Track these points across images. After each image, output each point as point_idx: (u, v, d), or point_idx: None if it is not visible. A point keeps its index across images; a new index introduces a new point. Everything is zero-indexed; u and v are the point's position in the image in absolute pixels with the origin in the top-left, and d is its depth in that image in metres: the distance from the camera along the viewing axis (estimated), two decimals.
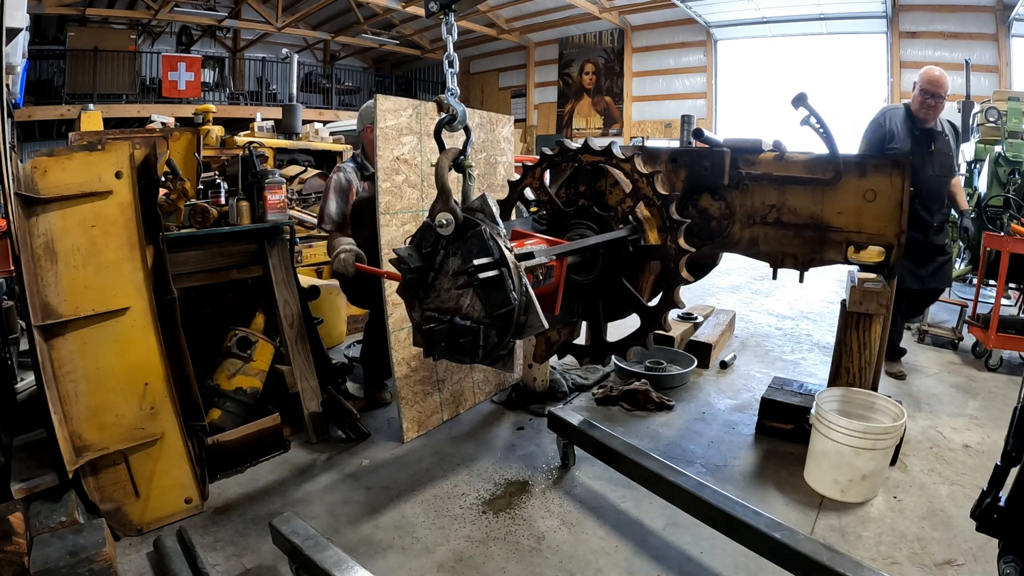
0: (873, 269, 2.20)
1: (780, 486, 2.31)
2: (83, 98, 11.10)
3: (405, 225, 2.54)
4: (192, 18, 12.63)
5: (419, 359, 2.66)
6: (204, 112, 6.78)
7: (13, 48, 4.17)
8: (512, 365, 1.56)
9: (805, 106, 2.05)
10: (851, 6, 10.43)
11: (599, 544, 1.97)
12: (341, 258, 2.52)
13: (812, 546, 1.60)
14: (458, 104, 1.44)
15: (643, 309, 1.81)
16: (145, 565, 1.84)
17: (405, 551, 1.93)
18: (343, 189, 2.82)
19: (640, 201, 1.77)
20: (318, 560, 1.58)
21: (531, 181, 2.01)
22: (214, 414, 2.44)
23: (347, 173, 2.84)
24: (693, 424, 2.86)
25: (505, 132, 3.13)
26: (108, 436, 1.92)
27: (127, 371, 1.96)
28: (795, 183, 2.22)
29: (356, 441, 2.63)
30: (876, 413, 2.30)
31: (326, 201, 2.82)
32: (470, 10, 1.98)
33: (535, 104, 15.62)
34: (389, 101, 2.46)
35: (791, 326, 4.58)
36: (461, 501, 2.21)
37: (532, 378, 3.08)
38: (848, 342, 2.36)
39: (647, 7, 12.36)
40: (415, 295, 1.44)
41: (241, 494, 2.24)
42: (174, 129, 4.94)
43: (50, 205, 1.86)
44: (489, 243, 1.32)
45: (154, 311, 2.02)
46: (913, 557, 1.89)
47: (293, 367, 2.68)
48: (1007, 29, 9.17)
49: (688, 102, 12.76)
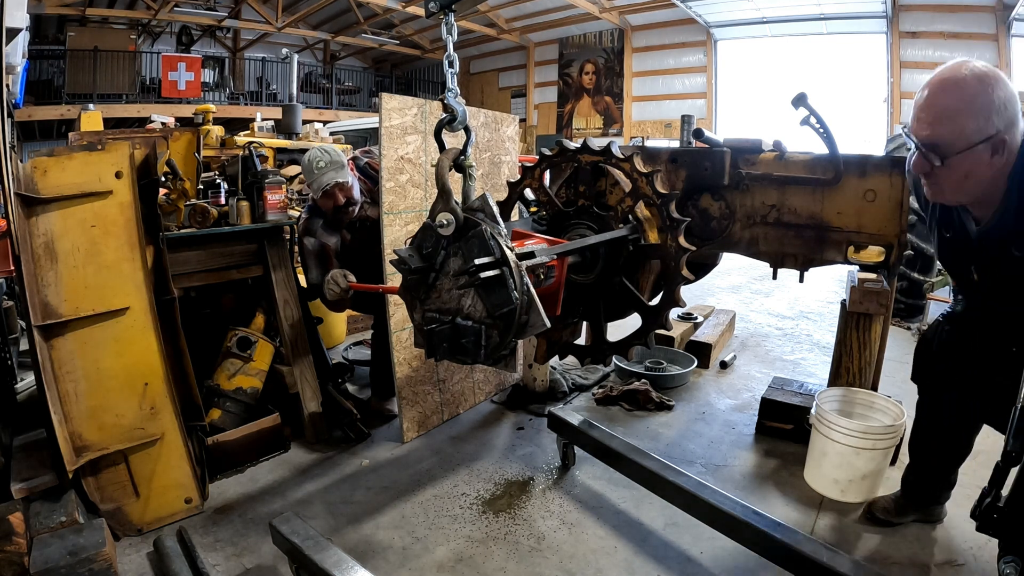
0: (873, 269, 2.20)
1: (780, 486, 2.31)
2: (83, 98, 11.10)
3: (408, 225, 2.53)
4: (192, 18, 12.63)
5: (420, 359, 2.66)
6: (204, 112, 6.79)
7: (13, 48, 4.17)
8: (514, 365, 1.56)
9: (805, 106, 2.05)
10: (851, 6, 10.43)
11: (599, 544, 1.97)
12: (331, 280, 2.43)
13: (812, 546, 1.60)
14: (459, 104, 1.44)
15: (644, 308, 1.81)
16: (145, 565, 1.84)
17: (405, 551, 1.93)
18: (319, 255, 2.65)
19: (640, 200, 1.76)
20: (318, 560, 1.58)
21: (531, 182, 2.00)
22: (214, 414, 2.44)
23: (316, 236, 2.65)
24: (693, 424, 2.86)
25: (509, 132, 3.13)
26: (108, 436, 1.92)
27: (127, 371, 1.96)
28: (795, 183, 2.22)
29: (356, 441, 2.63)
30: (876, 413, 2.30)
31: (307, 270, 2.66)
32: (470, 10, 1.98)
33: (535, 104, 15.62)
34: (394, 100, 2.45)
35: (791, 326, 4.58)
36: (461, 501, 2.21)
37: (532, 378, 3.08)
38: (848, 342, 2.36)
39: (647, 7, 12.37)
40: (416, 296, 1.44)
41: (241, 494, 2.24)
42: (174, 129, 4.94)
43: (50, 205, 1.86)
44: (490, 243, 1.32)
45: (154, 311, 2.02)
46: (913, 557, 1.89)
47: (293, 367, 2.68)
48: (1007, 29, 9.17)
49: (688, 102, 12.77)
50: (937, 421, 1.92)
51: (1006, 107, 1.35)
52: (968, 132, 1.35)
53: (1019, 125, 1.38)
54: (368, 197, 2.70)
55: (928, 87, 1.41)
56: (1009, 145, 1.36)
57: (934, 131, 1.38)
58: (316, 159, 2.49)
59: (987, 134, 1.34)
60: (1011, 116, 1.36)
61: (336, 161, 2.51)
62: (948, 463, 1.96)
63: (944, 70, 1.40)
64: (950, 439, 1.91)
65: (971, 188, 1.44)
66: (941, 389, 1.87)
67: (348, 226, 2.70)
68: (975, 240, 1.54)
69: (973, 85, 1.34)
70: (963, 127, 1.35)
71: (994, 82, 1.34)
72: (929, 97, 1.40)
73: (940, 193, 1.48)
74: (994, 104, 1.34)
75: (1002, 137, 1.35)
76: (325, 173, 2.48)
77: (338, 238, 2.70)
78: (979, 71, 1.35)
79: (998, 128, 1.34)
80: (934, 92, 1.39)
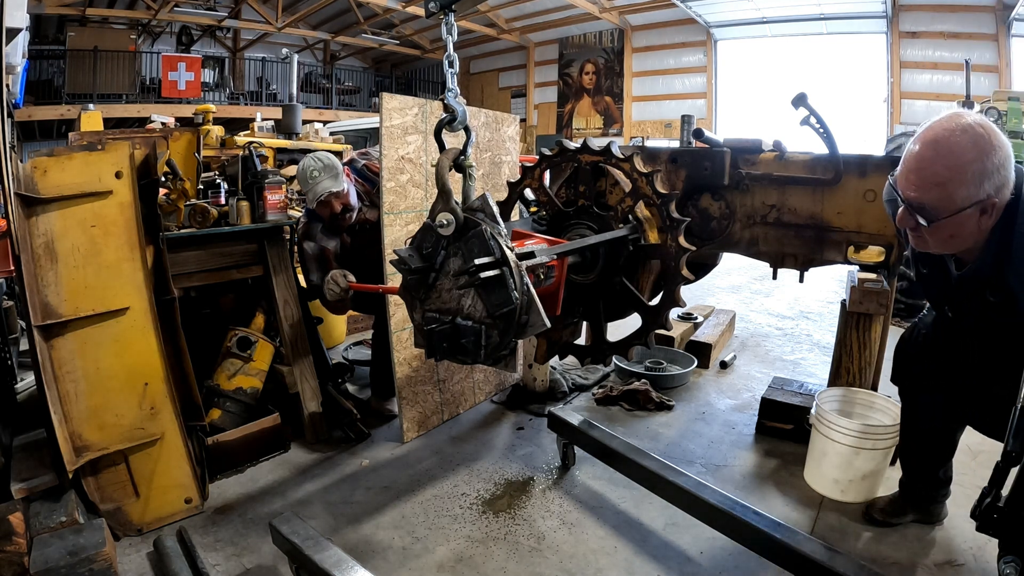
0: (873, 269, 2.20)
1: (780, 486, 2.31)
2: (83, 98, 11.11)
3: (409, 225, 2.53)
4: (192, 18, 12.64)
5: (420, 359, 2.66)
6: (204, 112, 6.79)
7: (13, 48, 4.17)
8: (514, 365, 1.56)
9: (805, 106, 2.05)
10: (851, 6, 10.44)
11: (599, 544, 1.97)
12: (331, 280, 2.44)
13: (812, 546, 1.60)
14: (459, 104, 1.44)
15: (644, 308, 1.81)
16: (145, 565, 1.84)
17: (405, 551, 1.93)
18: (319, 259, 2.64)
19: (640, 200, 1.76)
20: (318, 560, 1.58)
21: (531, 182, 2.01)
22: (214, 414, 2.44)
23: (315, 240, 2.64)
24: (693, 424, 2.86)
25: (510, 132, 3.13)
26: (108, 436, 1.92)
27: (127, 371, 1.96)
28: (795, 183, 2.22)
29: (356, 441, 2.63)
30: (876, 413, 2.30)
31: (307, 272, 2.65)
32: (470, 10, 1.98)
33: (535, 104, 15.63)
34: (395, 100, 2.45)
35: (791, 326, 4.58)
36: (461, 501, 2.21)
37: (532, 378, 3.08)
38: (848, 342, 2.36)
39: (647, 7, 12.37)
40: (416, 296, 1.44)
41: (241, 494, 2.24)
42: (174, 129, 4.94)
43: (50, 205, 1.86)
44: (490, 243, 1.32)
45: (154, 311, 2.02)
46: (913, 557, 1.89)
47: (293, 367, 2.68)
48: (1007, 29, 9.18)
49: (688, 102, 12.78)
50: (915, 423, 1.94)
51: (999, 171, 1.30)
52: (957, 199, 1.31)
53: (1010, 185, 1.33)
54: (367, 200, 2.70)
55: (920, 143, 1.34)
56: (998, 205, 1.33)
57: (922, 196, 1.34)
58: (310, 168, 2.47)
59: (977, 199, 1.31)
60: (1003, 178, 1.31)
61: (330, 167, 2.47)
62: (930, 464, 1.97)
63: (938, 127, 1.32)
64: (929, 440, 1.93)
65: (957, 245, 1.41)
66: (918, 391, 1.89)
67: (348, 229, 2.70)
68: (954, 281, 1.52)
69: (967, 152, 1.28)
70: (953, 195, 1.31)
71: (990, 148, 1.28)
72: (920, 158, 1.34)
73: (925, 247, 1.45)
74: (987, 171, 1.28)
75: (992, 200, 1.32)
76: (320, 183, 2.45)
77: (337, 242, 2.70)
78: (975, 133, 1.29)
79: (989, 193, 1.30)
80: (926, 154, 1.33)
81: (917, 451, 1.97)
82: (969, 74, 6.40)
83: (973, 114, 1.34)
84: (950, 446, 1.93)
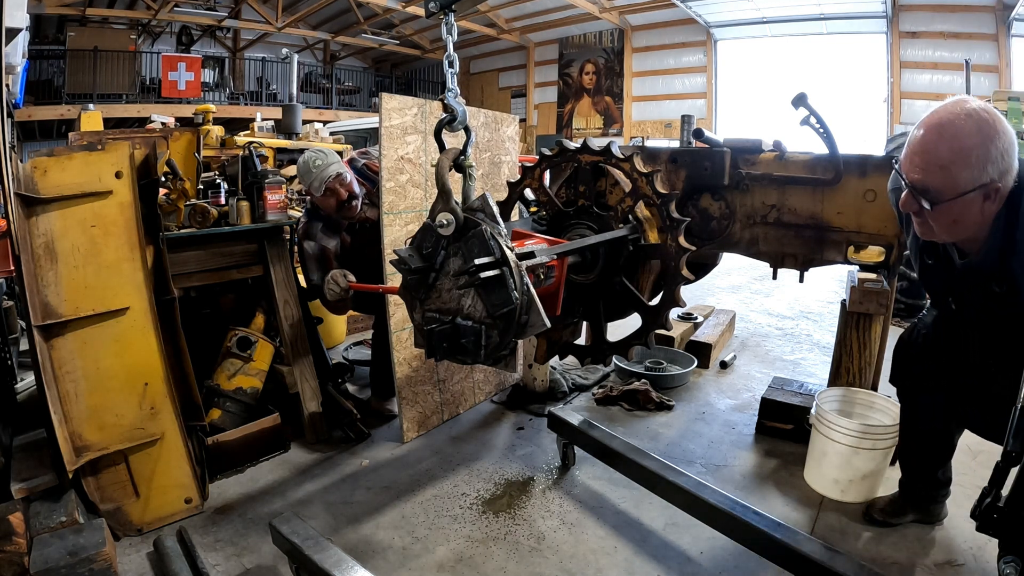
0: (873, 269, 2.20)
1: (780, 486, 2.31)
2: (83, 98, 11.11)
3: (408, 225, 2.53)
4: (192, 18, 12.64)
5: (420, 359, 2.66)
6: (204, 112, 6.79)
7: (13, 48, 4.17)
8: (514, 365, 1.56)
9: (805, 106, 2.05)
10: (851, 6, 10.44)
11: (599, 544, 1.97)
12: (331, 280, 2.45)
13: (812, 546, 1.60)
14: (459, 104, 1.44)
15: (644, 308, 1.81)
16: (145, 565, 1.84)
17: (405, 551, 1.93)
18: (319, 258, 2.64)
19: (640, 200, 1.76)
20: (318, 560, 1.58)
21: (531, 182, 2.01)
22: (214, 414, 2.44)
23: (315, 239, 2.64)
24: (693, 424, 2.86)
25: (510, 132, 3.13)
26: (108, 436, 1.92)
27: (127, 371, 1.96)
28: (795, 183, 2.22)
29: (356, 441, 2.63)
30: (876, 413, 2.30)
31: (308, 272, 2.65)
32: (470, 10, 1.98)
33: (535, 104, 15.63)
34: (394, 100, 2.45)
35: (791, 326, 4.58)
36: (461, 501, 2.21)
37: (532, 378, 3.08)
38: (848, 342, 2.36)
39: (647, 7, 12.37)
40: (416, 296, 1.44)
41: (241, 494, 2.24)
42: (174, 129, 4.94)
43: (50, 205, 1.86)
44: (490, 242, 1.32)
45: (154, 311, 2.02)
46: (913, 557, 1.89)
47: (293, 367, 2.68)
48: (1007, 29, 9.18)
49: (688, 102, 12.78)
50: (915, 423, 1.94)
51: (1003, 157, 1.30)
52: (961, 182, 1.31)
53: (1014, 171, 1.33)
54: (367, 199, 2.70)
55: (924, 128, 1.35)
56: (1002, 192, 1.33)
57: (926, 178, 1.34)
58: (312, 158, 2.51)
59: (980, 183, 1.31)
60: (1007, 165, 1.31)
61: (332, 155, 2.54)
62: (930, 464, 1.96)
63: (943, 112, 1.33)
64: (929, 441, 1.92)
65: (960, 231, 1.41)
66: (918, 391, 1.88)
67: (348, 228, 2.70)
68: (958, 271, 1.52)
69: (972, 136, 1.29)
70: (956, 177, 1.31)
71: (994, 134, 1.29)
72: (924, 141, 1.34)
73: (929, 233, 1.44)
74: (991, 155, 1.29)
75: (995, 185, 1.32)
76: (327, 168, 2.49)
77: (338, 241, 2.70)
78: (980, 118, 1.29)
79: (992, 177, 1.31)
80: (930, 137, 1.33)
81: (917, 451, 1.97)
82: (969, 74, 6.41)
83: (977, 100, 1.33)
84: (950, 447, 1.93)
